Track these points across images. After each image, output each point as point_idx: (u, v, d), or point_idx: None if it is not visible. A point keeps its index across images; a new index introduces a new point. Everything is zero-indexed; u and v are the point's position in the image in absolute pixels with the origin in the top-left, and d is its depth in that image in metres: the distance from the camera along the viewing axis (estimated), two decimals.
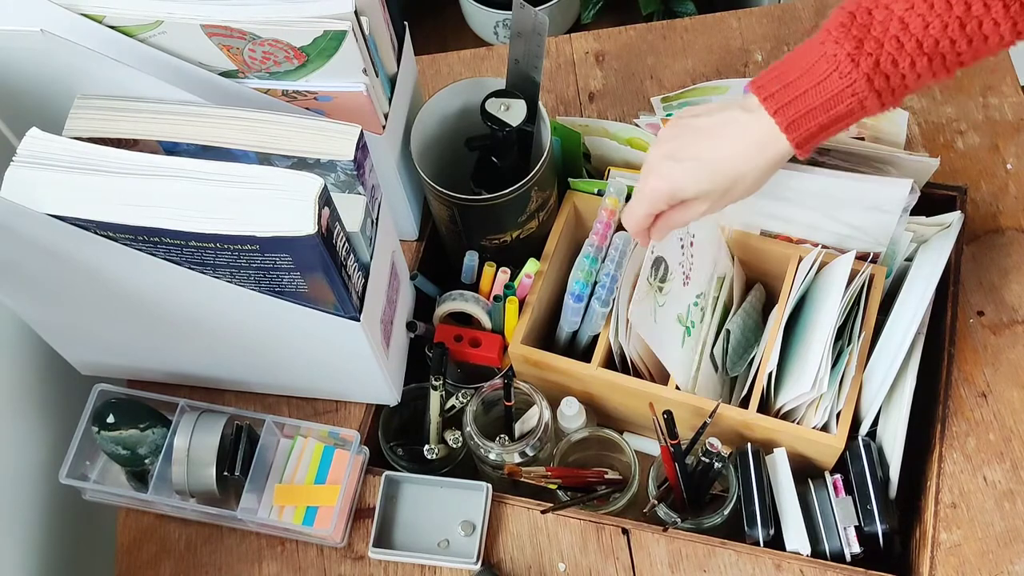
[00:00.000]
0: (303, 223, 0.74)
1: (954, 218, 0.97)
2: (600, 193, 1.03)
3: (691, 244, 0.98)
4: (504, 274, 1.00)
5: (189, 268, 0.80)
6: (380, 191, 0.89)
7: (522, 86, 0.98)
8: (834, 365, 0.92)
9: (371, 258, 0.88)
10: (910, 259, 0.99)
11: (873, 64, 0.72)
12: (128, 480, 0.99)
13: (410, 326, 1.03)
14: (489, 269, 1.01)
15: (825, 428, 0.92)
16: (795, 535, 0.91)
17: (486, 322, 1.02)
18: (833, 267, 0.96)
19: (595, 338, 1.00)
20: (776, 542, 0.92)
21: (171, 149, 0.83)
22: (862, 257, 0.97)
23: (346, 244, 0.81)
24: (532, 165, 0.97)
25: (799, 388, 0.91)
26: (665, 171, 0.81)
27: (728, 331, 0.98)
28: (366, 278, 0.87)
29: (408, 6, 1.00)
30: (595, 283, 0.97)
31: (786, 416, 0.95)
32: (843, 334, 0.94)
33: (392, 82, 0.95)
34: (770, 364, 0.93)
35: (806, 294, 1.00)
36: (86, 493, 0.99)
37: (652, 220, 0.85)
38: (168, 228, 0.75)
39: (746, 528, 0.92)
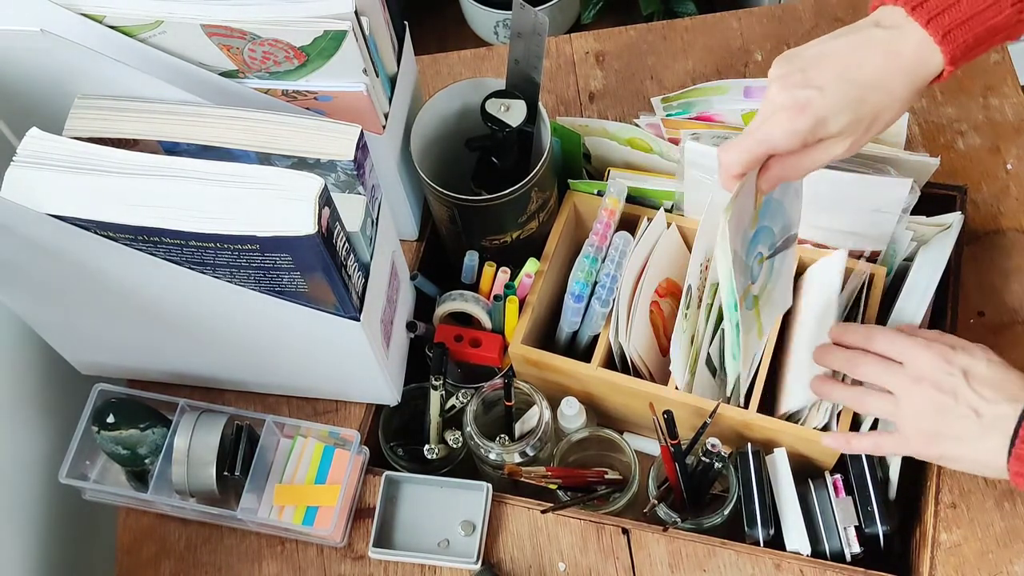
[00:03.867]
0: (303, 223, 0.74)
1: (954, 218, 0.97)
2: (600, 193, 1.03)
3: (706, 268, 0.98)
4: (504, 274, 1.00)
5: (189, 268, 0.80)
6: (380, 191, 0.89)
7: (522, 86, 0.98)
8: None
9: (371, 258, 0.88)
10: (910, 259, 0.99)
11: None
12: (128, 480, 0.99)
13: (410, 326, 1.03)
14: (489, 269, 1.01)
15: (826, 428, 0.92)
16: (795, 535, 0.91)
17: (486, 322, 1.02)
18: (821, 267, 0.96)
19: (595, 338, 1.00)
20: (776, 542, 0.92)
21: (171, 149, 0.83)
22: (861, 257, 0.97)
23: (346, 244, 0.81)
24: (532, 165, 0.97)
25: (806, 396, 0.91)
26: (803, 99, 0.70)
27: (724, 331, 0.98)
28: (366, 278, 0.87)
29: (408, 6, 1.00)
30: (595, 283, 0.97)
31: (789, 419, 0.94)
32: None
33: (392, 82, 0.95)
34: (767, 365, 0.93)
35: (797, 293, 0.99)
36: (86, 493, 0.99)
37: (745, 171, 0.74)
38: (168, 228, 0.75)
39: (746, 528, 0.92)
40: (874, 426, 0.94)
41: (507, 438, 0.97)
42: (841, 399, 0.88)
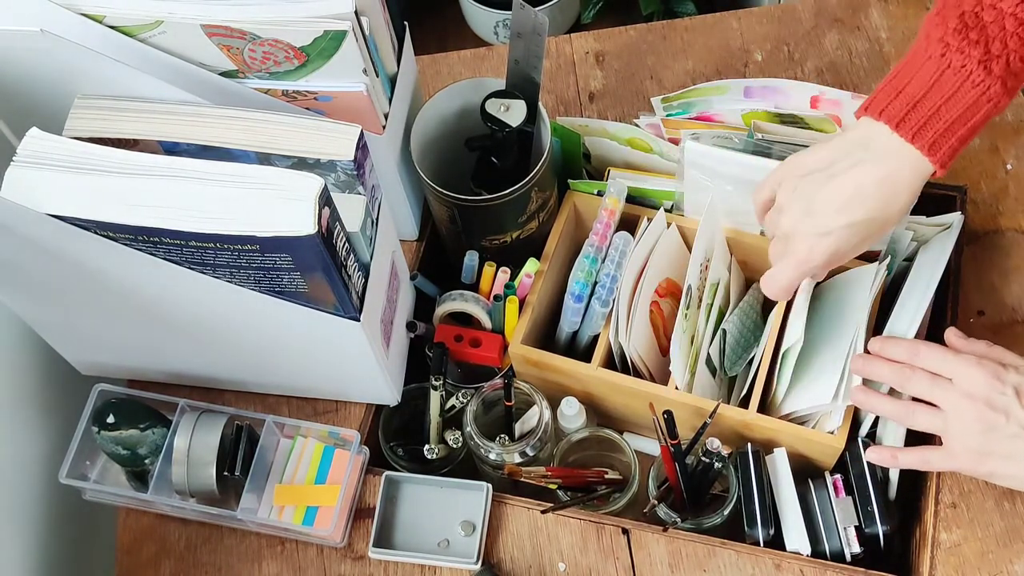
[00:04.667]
0: (303, 223, 0.74)
1: (954, 219, 0.97)
2: (600, 193, 1.03)
3: (707, 268, 0.98)
4: (504, 274, 1.00)
5: (189, 268, 0.80)
6: (380, 191, 0.89)
7: (522, 86, 0.98)
8: None
9: (371, 258, 0.88)
10: (910, 259, 0.99)
11: (1004, 66, 0.70)
12: (128, 480, 0.99)
13: (410, 326, 1.03)
14: (489, 269, 1.01)
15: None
16: (795, 535, 0.91)
17: (486, 322, 1.02)
18: (854, 275, 0.96)
19: (595, 338, 1.00)
20: (776, 542, 0.92)
21: (171, 149, 0.83)
22: (862, 257, 0.97)
23: (346, 244, 0.81)
24: (532, 165, 0.97)
25: (817, 398, 0.91)
26: (818, 246, 0.80)
27: (724, 331, 0.98)
28: (366, 278, 0.87)
29: (408, 6, 1.00)
30: (595, 283, 0.97)
31: (795, 422, 0.94)
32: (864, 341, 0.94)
33: (392, 82, 0.95)
34: (767, 365, 0.93)
35: (817, 297, 0.99)
36: (86, 493, 0.99)
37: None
38: (168, 228, 0.75)
39: (746, 528, 0.92)
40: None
41: (507, 438, 0.97)
42: (886, 412, 0.87)
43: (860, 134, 0.77)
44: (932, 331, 0.97)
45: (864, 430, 0.94)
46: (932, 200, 1.00)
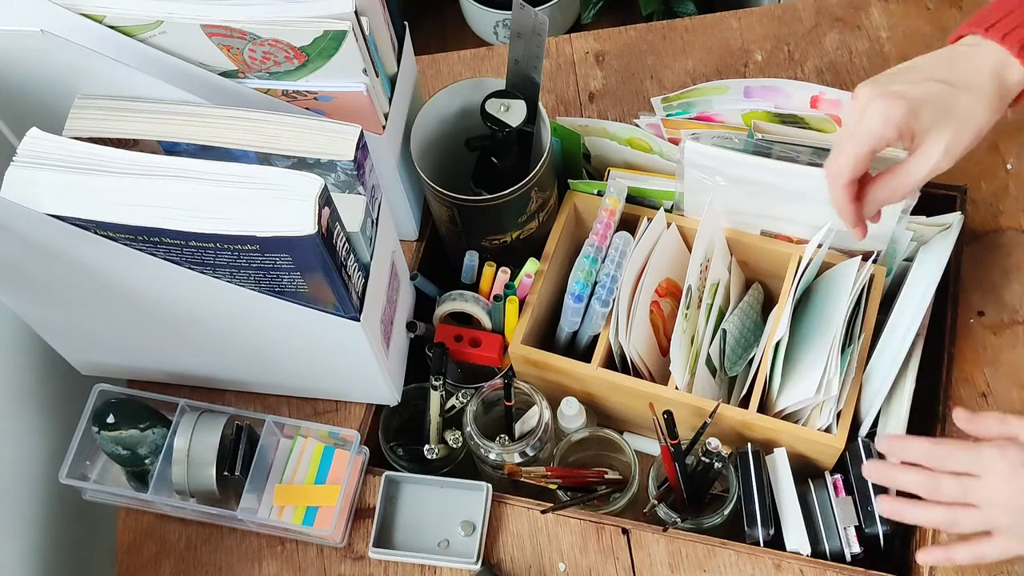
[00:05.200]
0: (303, 223, 0.74)
1: (954, 218, 0.97)
2: (600, 194, 1.03)
3: (707, 268, 0.98)
4: (504, 274, 1.00)
5: (189, 268, 0.80)
6: (380, 191, 0.89)
7: (522, 86, 0.98)
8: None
9: (371, 258, 0.88)
10: (910, 259, 0.99)
11: None
12: (128, 480, 0.99)
13: (410, 326, 1.03)
14: (489, 269, 1.01)
15: (827, 429, 0.92)
16: (795, 535, 0.91)
17: (486, 322, 1.02)
18: (838, 270, 0.96)
19: (595, 338, 1.00)
20: (776, 542, 0.92)
21: (171, 149, 0.83)
22: (862, 257, 0.97)
23: (346, 244, 0.81)
24: (532, 166, 0.97)
25: (802, 393, 0.91)
26: (893, 90, 0.73)
27: (724, 331, 0.98)
28: (366, 278, 0.87)
29: (408, 6, 1.00)
30: (595, 283, 0.97)
31: (788, 418, 0.94)
32: (844, 335, 0.94)
33: (392, 82, 0.95)
34: (768, 365, 0.93)
35: (808, 295, 1.00)
36: (86, 493, 0.99)
37: (855, 183, 0.76)
38: (168, 228, 0.76)
39: (746, 528, 0.92)
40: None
41: (507, 438, 0.97)
42: (926, 521, 0.83)
43: (957, 43, 0.77)
44: (932, 331, 0.97)
45: (864, 430, 0.94)
46: (932, 200, 1.00)
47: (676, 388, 0.94)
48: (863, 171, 0.77)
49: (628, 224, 1.01)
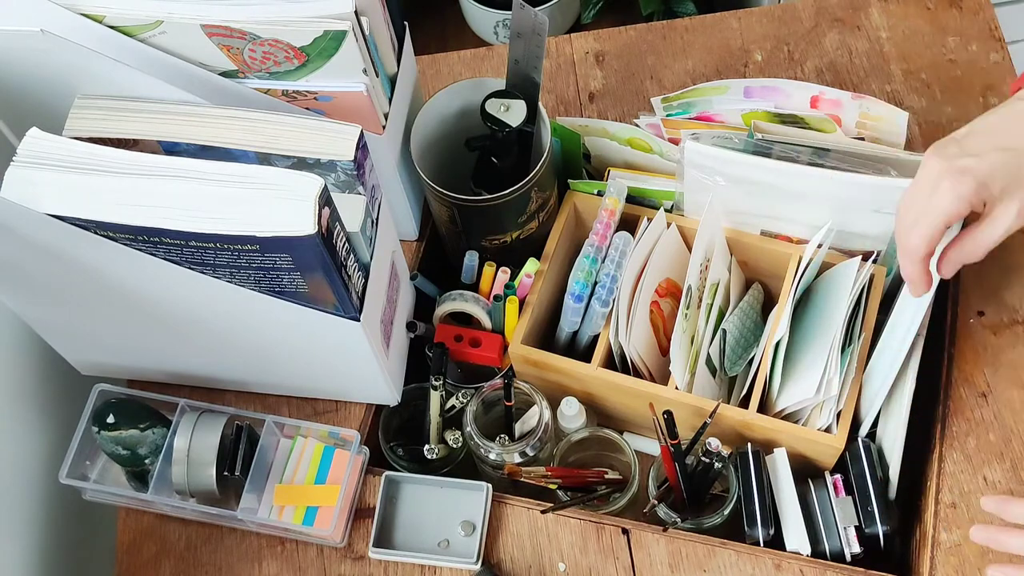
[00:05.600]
0: (303, 223, 0.74)
1: None
2: (600, 194, 1.03)
3: (707, 268, 0.98)
4: (504, 274, 1.00)
5: (189, 268, 0.80)
6: (380, 191, 0.89)
7: (522, 86, 0.98)
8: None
9: (371, 258, 0.88)
10: None
11: None
12: (128, 480, 0.99)
13: (410, 326, 1.03)
14: (489, 269, 1.01)
15: (827, 429, 0.92)
16: (795, 535, 0.91)
17: (486, 322, 1.02)
18: (838, 270, 0.96)
19: (595, 338, 1.00)
20: (776, 542, 0.92)
21: (171, 149, 0.83)
22: (862, 257, 0.97)
23: (346, 244, 0.81)
24: (532, 166, 0.97)
25: (802, 392, 0.91)
26: (961, 165, 0.74)
27: (724, 331, 0.98)
28: (366, 278, 0.87)
29: (408, 6, 1.00)
30: (595, 283, 0.97)
31: (788, 418, 0.95)
32: (844, 335, 0.94)
33: (392, 82, 0.95)
34: (768, 365, 0.93)
35: (809, 295, 1.00)
36: (86, 493, 0.99)
37: (932, 249, 0.77)
38: (168, 228, 0.76)
39: (746, 528, 0.92)
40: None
41: (507, 438, 0.97)
42: None
43: (1017, 94, 0.77)
44: (932, 331, 0.97)
45: (864, 430, 0.94)
46: None
47: (676, 388, 0.94)
48: (936, 245, 0.79)
49: (628, 224, 1.01)
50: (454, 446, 0.99)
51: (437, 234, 1.11)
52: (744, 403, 0.95)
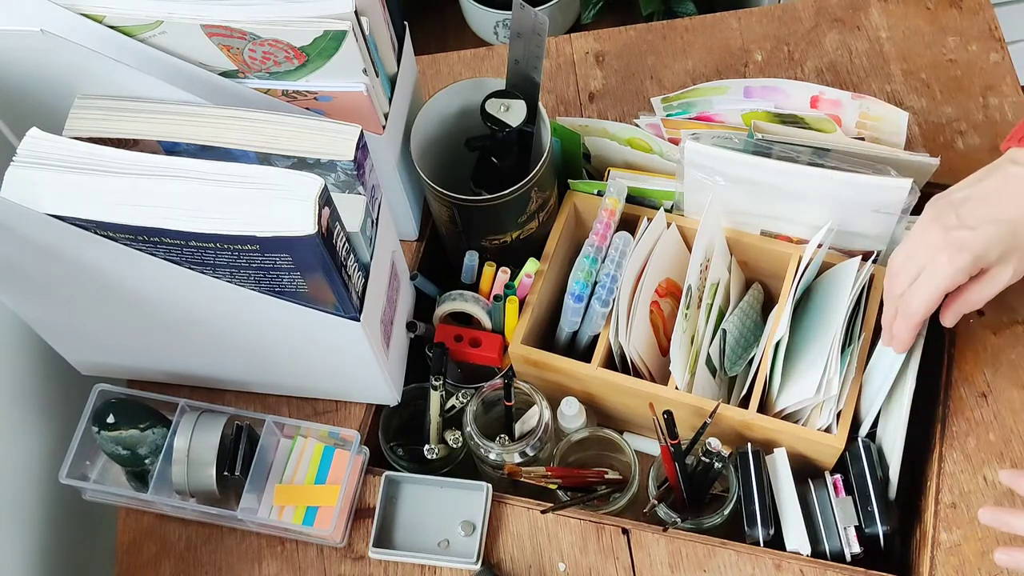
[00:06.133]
0: (303, 223, 0.74)
1: None
2: (600, 194, 1.03)
3: (707, 268, 0.98)
4: (504, 274, 1.00)
5: (189, 268, 0.80)
6: (380, 191, 0.89)
7: (522, 86, 0.98)
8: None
9: (371, 258, 0.88)
10: None
11: None
12: (128, 480, 0.99)
13: (410, 326, 1.03)
14: (489, 269, 1.01)
15: (827, 429, 0.92)
16: (795, 535, 0.91)
17: (486, 322, 1.02)
18: (838, 270, 0.96)
19: (595, 338, 1.00)
20: (776, 542, 0.92)
21: (171, 149, 0.83)
22: (862, 257, 0.97)
23: (346, 244, 0.81)
24: (532, 166, 0.97)
25: (802, 392, 0.91)
26: (958, 240, 0.79)
27: (724, 331, 0.98)
28: (366, 278, 0.87)
29: (408, 6, 1.00)
30: (595, 283, 0.97)
31: (788, 418, 0.95)
32: (844, 335, 0.94)
33: (392, 82, 0.95)
34: (768, 365, 0.93)
35: (809, 295, 1.00)
36: (86, 493, 0.99)
37: (929, 315, 0.83)
38: (168, 228, 0.76)
39: (746, 528, 0.92)
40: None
41: (507, 438, 0.97)
42: None
43: (1007, 155, 0.81)
44: (932, 331, 0.97)
45: (864, 430, 0.94)
46: None
47: (676, 388, 0.94)
48: (932, 311, 0.83)
49: (628, 224, 1.01)
50: (454, 446, 0.99)
51: (437, 234, 1.11)
52: (744, 403, 0.95)
